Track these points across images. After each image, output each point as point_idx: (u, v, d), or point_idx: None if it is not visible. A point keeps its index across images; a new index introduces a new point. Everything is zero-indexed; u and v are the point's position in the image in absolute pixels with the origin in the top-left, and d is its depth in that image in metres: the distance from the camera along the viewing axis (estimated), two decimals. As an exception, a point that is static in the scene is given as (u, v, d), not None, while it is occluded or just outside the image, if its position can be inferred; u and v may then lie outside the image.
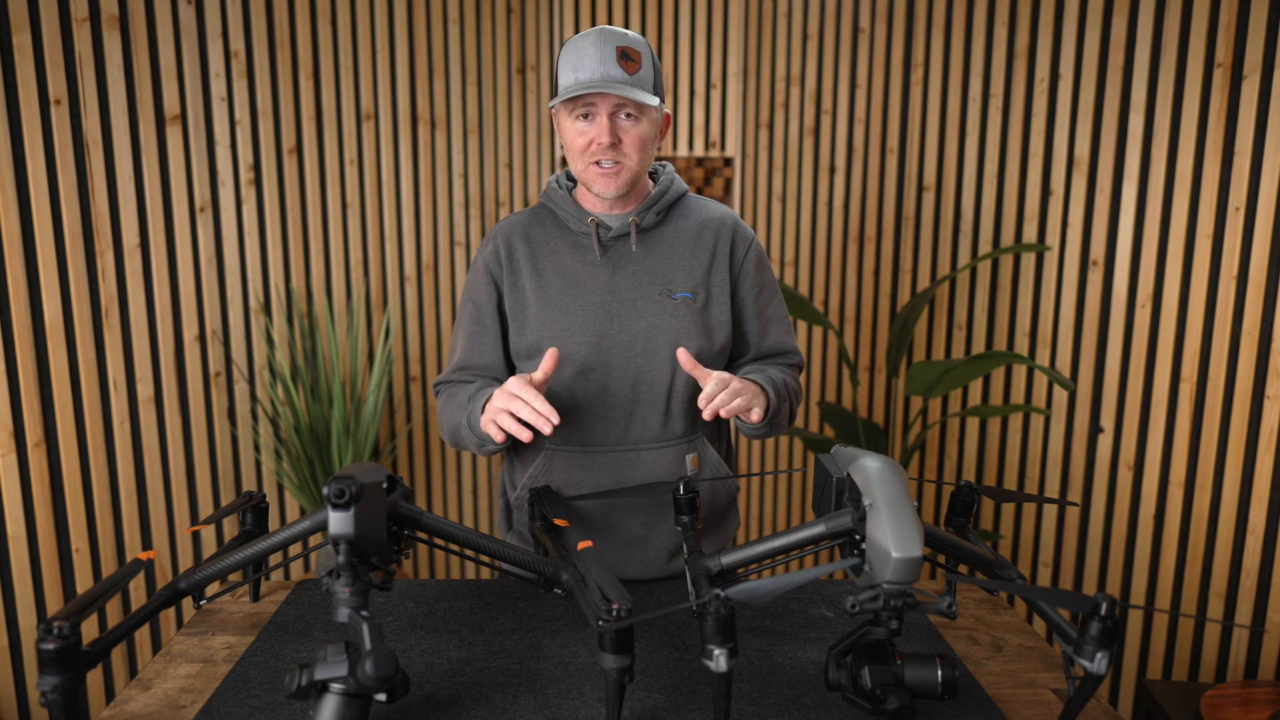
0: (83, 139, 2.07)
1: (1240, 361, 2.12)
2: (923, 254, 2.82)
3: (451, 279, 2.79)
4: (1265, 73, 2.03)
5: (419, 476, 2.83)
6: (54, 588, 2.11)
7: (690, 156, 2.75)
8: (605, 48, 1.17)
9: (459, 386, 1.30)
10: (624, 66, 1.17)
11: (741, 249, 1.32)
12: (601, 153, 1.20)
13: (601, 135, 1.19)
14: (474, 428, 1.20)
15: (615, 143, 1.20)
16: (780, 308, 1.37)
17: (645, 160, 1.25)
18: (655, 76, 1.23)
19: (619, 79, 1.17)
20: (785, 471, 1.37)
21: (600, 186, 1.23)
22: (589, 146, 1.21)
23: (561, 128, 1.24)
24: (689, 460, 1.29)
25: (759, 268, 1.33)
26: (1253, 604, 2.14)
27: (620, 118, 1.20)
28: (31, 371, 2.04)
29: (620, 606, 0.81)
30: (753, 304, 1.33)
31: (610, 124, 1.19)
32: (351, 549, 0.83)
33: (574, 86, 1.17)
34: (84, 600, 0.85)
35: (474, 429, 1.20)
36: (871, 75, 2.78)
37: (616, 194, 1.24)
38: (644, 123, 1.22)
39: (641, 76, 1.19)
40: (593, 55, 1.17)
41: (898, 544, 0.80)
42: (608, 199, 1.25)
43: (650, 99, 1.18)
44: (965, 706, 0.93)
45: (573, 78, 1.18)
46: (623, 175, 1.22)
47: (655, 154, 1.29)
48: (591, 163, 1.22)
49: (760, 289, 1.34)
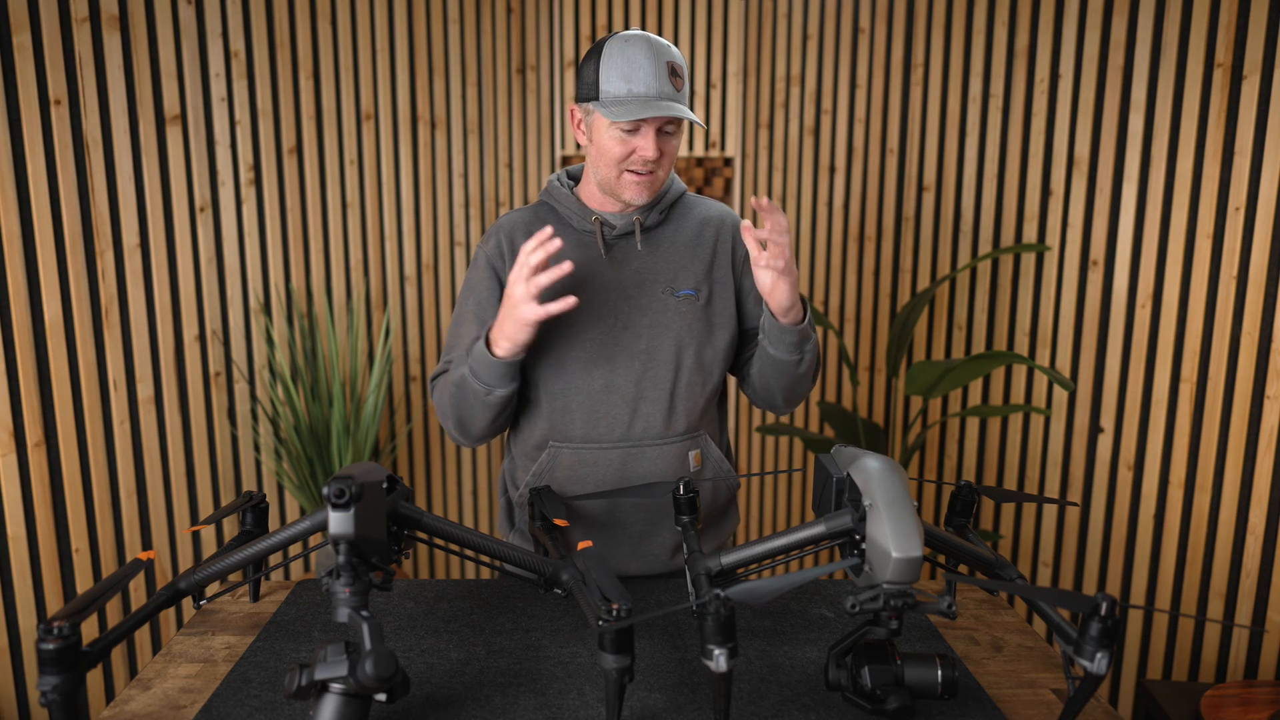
0: (83, 139, 2.07)
1: (1240, 361, 2.12)
2: (923, 254, 2.82)
3: (451, 279, 2.79)
4: (1265, 73, 2.03)
5: (419, 476, 2.83)
6: (54, 588, 2.11)
7: (690, 156, 2.75)
8: (659, 63, 1.18)
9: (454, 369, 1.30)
10: (674, 83, 1.19)
11: (742, 245, 1.33)
12: (643, 164, 1.22)
13: (649, 150, 1.20)
14: (479, 373, 1.18)
15: (658, 156, 1.22)
16: None
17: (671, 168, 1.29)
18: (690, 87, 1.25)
19: (672, 96, 1.19)
20: (785, 471, 1.37)
21: (632, 194, 1.24)
22: (629, 156, 1.21)
23: (596, 130, 1.23)
24: (691, 457, 1.29)
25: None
26: (1253, 604, 2.14)
27: (664, 132, 1.22)
28: (31, 371, 2.04)
29: (620, 606, 0.81)
30: (756, 299, 1.34)
31: (657, 139, 1.21)
32: (351, 549, 0.83)
33: (630, 100, 1.17)
34: (84, 600, 0.85)
35: (479, 374, 1.18)
36: (871, 75, 2.78)
37: (646, 201, 1.26)
38: (679, 136, 1.25)
39: (685, 92, 1.22)
40: (648, 69, 1.17)
41: (898, 544, 0.80)
42: (636, 205, 1.27)
43: (698, 120, 1.21)
44: (965, 706, 0.93)
45: (625, 88, 1.18)
46: (655, 184, 1.25)
47: None
48: (628, 170, 1.23)
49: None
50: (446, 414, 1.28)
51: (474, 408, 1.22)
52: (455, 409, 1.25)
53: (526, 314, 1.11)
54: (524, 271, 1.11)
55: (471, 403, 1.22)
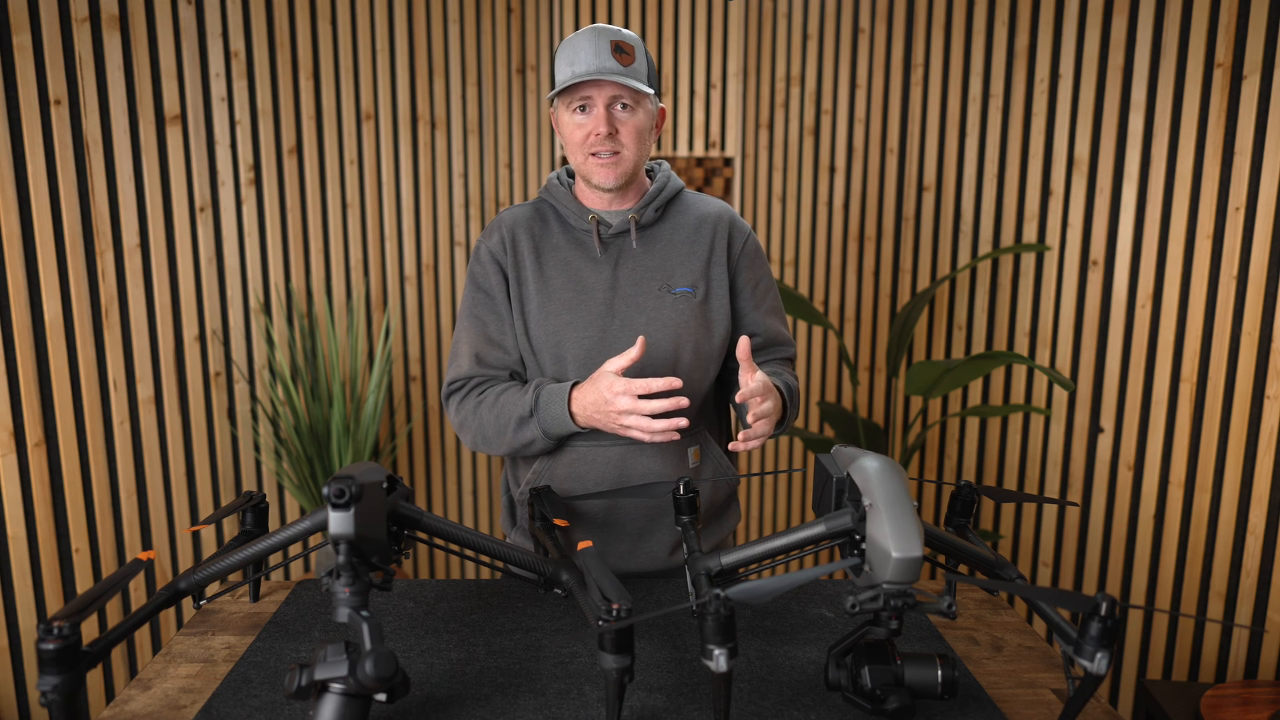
0: (83, 139, 2.07)
1: (1240, 361, 2.12)
2: (923, 254, 2.82)
3: (451, 279, 2.79)
4: (1265, 73, 2.03)
5: (419, 476, 2.83)
6: (54, 588, 2.11)
7: (690, 156, 2.75)
8: (600, 42, 1.19)
9: (487, 386, 1.29)
10: (619, 59, 1.19)
11: (739, 242, 1.34)
12: (600, 143, 1.22)
13: (599, 125, 1.21)
14: (548, 428, 1.20)
15: (612, 133, 1.22)
16: (777, 299, 1.40)
17: (643, 151, 1.27)
18: (649, 69, 1.25)
19: (614, 70, 1.19)
20: (785, 471, 1.37)
21: (600, 177, 1.24)
22: (587, 138, 1.23)
23: (560, 123, 1.26)
24: (691, 453, 1.30)
25: (756, 260, 1.36)
26: (1253, 604, 2.14)
27: (616, 109, 1.22)
28: (31, 371, 2.04)
29: (620, 606, 0.81)
30: (750, 295, 1.35)
31: (607, 114, 1.21)
32: (351, 549, 0.83)
33: (570, 79, 1.19)
34: (84, 600, 0.85)
35: (548, 429, 1.20)
36: (871, 75, 2.78)
37: (616, 184, 1.25)
38: (640, 113, 1.24)
39: (636, 69, 1.21)
40: (588, 49, 1.19)
41: (898, 544, 0.80)
42: (607, 190, 1.26)
43: (644, 87, 1.20)
44: (965, 706, 0.93)
45: (568, 71, 1.20)
46: (621, 165, 1.24)
47: (652, 148, 1.31)
48: (590, 154, 1.24)
49: (757, 281, 1.36)
50: (472, 429, 1.27)
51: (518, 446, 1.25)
52: (488, 429, 1.25)
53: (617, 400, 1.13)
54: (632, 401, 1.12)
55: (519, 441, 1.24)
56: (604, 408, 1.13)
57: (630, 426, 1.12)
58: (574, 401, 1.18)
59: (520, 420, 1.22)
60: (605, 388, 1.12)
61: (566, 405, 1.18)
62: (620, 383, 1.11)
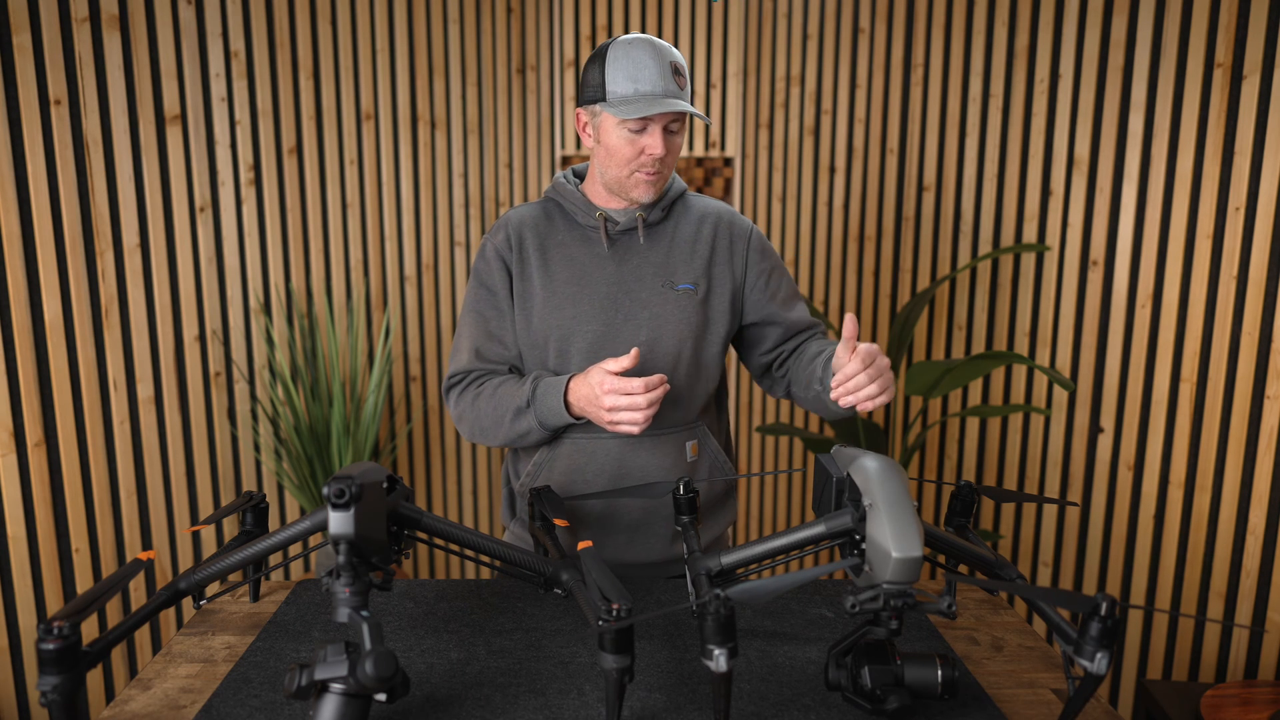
0: (83, 139, 2.07)
1: (1240, 361, 2.12)
2: (923, 254, 2.82)
3: (451, 279, 2.79)
4: (1265, 73, 2.03)
5: (419, 476, 2.83)
6: (54, 588, 2.11)
7: (690, 156, 2.75)
8: (662, 63, 1.21)
9: (486, 379, 1.31)
10: (677, 81, 1.23)
11: (742, 240, 1.36)
12: (654, 164, 1.25)
13: (657, 147, 1.23)
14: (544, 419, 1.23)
15: (665, 153, 1.25)
16: (792, 284, 1.42)
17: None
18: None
19: (677, 94, 1.22)
20: (785, 471, 1.38)
21: (641, 192, 1.28)
22: (639, 155, 1.24)
23: (604, 131, 1.25)
24: (689, 447, 1.32)
25: (763, 253, 1.38)
26: (1253, 604, 2.14)
27: (669, 130, 1.25)
28: (31, 371, 2.04)
29: (620, 606, 0.81)
30: (764, 288, 1.36)
31: (664, 136, 1.24)
32: (351, 549, 0.83)
33: (637, 99, 1.21)
34: (84, 600, 0.85)
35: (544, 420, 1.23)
36: (871, 75, 2.78)
37: (654, 199, 1.29)
38: (683, 134, 1.28)
39: (688, 92, 1.26)
40: (653, 69, 1.21)
41: (898, 544, 0.80)
42: (644, 203, 1.30)
43: (704, 116, 1.23)
44: (965, 706, 0.93)
45: (632, 88, 1.21)
46: (661, 182, 1.29)
47: None
48: (638, 169, 1.26)
49: (770, 272, 1.38)
50: (470, 421, 1.30)
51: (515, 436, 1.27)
52: (485, 420, 1.28)
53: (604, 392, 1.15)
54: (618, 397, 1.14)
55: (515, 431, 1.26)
56: (595, 403, 1.16)
57: (618, 423, 1.15)
58: (570, 393, 1.21)
59: (517, 411, 1.24)
60: (596, 383, 1.15)
61: (563, 396, 1.21)
62: (610, 381, 1.14)
